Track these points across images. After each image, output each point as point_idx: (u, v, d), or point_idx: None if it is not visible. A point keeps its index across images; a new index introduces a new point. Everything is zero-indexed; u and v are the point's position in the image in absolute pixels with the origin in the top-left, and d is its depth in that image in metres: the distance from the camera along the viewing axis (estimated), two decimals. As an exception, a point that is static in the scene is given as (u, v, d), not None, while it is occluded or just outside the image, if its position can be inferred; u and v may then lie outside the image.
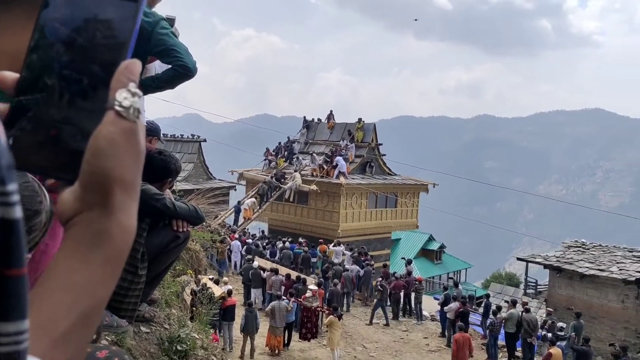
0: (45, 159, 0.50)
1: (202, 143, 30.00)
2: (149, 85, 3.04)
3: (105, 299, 0.50)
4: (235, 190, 31.18)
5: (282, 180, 28.01)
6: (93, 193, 0.48)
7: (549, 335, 14.89)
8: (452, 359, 12.99)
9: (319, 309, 14.33)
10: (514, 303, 16.16)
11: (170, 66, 3.00)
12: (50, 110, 0.50)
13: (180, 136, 29.90)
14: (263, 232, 29.05)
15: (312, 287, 15.43)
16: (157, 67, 3.54)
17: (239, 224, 26.50)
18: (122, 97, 0.48)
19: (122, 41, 0.50)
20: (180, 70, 2.98)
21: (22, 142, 0.50)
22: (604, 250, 27.31)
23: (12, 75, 0.51)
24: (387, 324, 17.18)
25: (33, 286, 0.46)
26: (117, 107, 0.48)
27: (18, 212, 0.41)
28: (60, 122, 0.49)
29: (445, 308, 16.33)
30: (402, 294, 18.25)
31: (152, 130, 3.97)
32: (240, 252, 20.89)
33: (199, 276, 10.17)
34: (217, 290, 12.14)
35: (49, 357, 0.45)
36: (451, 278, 34.20)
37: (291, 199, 27.69)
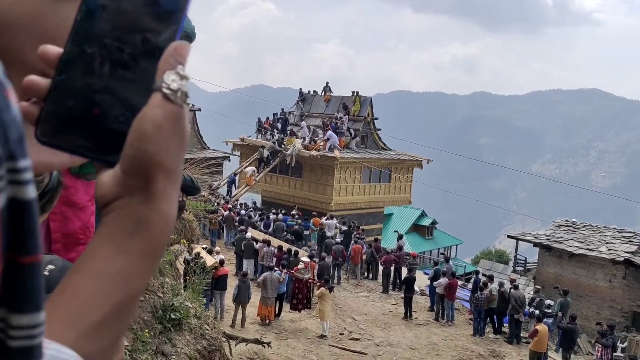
0: (87, 139, 0.48)
1: (196, 112, 29.78)
2: None
3: (140, 292, 0.48)
4: (229, 160, 31.11)
5: (283, 146, 28.05)
6: (135, 178, 0.45)
7: (536, 312, 15.13)
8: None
9: (310, 281, 14.46)
10: (491, 278, 16.53)
11: None
12: (90, 79, 0.47)
13: (174, 105, 29.58)
14: (255, 203, 29.09)
15: (305, 259, 15.54)
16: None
17: (233, 193, 26.53)
18: (170, 79, 0.46)
19: (169, 9, 0.48)
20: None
21: (62, 119, 0.47)
22: (593, 230, 27.60)
23: (55, 50, 0.48)
24: (337, 283, 17.62)
25: (49, 249, 0.46)
26: (164, 90, 0.45)
27: (31, 192, 0.37)
28: (99, 92, 0.47)
29: (434, 283, 16.54)
30: (392, 268, 18.43)
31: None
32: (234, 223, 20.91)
33: (192, 245, 10.23)
34: (210, 260, 12.21)
35: (79, 348, 0.43)
36: (442, 253, 34.52)
37: (292, 164, 27.77)
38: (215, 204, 21.34)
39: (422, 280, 18.85)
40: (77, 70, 0.47)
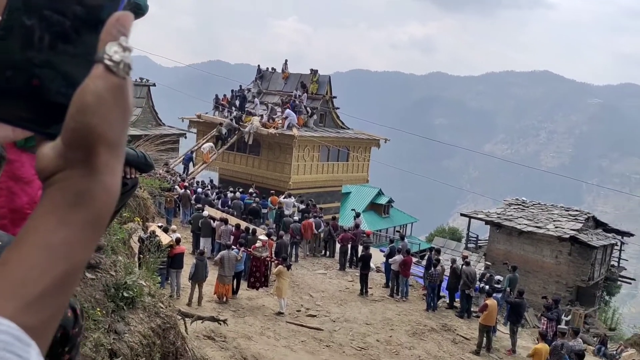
0: (26, 111, 0.46)
1: (151, 87, 29.04)
2: None
3: (83, 264, 0.47)
4: (185, 138, 30.58)
5: (241, 123, 27.75)
6: (76, 150, 0.44)
7: (486, 287, 15.63)
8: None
9: (268, 259, 14.49)
10: (438, 252, 17.35)
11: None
12: (29, 53, 0.45)
13: (128, 79, 28.73)
14: (212, 181, 28.79)
15: (262, 237, 15.54)
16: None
17: (190, 171, 26.15)
18: (113, 50, 0.44)
19: None
20: (130, 7, 2.82)
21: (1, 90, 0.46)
22: (542, 209, 28.63)
23: None
24: (295, 261, 17.69)
25: None
26: (106, 61, 0.44)
27: None
28: (39, 66, 0.45)
29: (390, 260, 16.85)
30: (349, 246, 18.66)
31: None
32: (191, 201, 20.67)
33: (147, 224, 10.06)
34: (165, 238, 12.06)
35: (19, 320, 0.42)
36: (398, 231, 35.17)
37: (250, 142, 27.54)
38: (171, 181, 21.01)
39: (378, 258, 19.16)
40: (15, 41, 0.46)
